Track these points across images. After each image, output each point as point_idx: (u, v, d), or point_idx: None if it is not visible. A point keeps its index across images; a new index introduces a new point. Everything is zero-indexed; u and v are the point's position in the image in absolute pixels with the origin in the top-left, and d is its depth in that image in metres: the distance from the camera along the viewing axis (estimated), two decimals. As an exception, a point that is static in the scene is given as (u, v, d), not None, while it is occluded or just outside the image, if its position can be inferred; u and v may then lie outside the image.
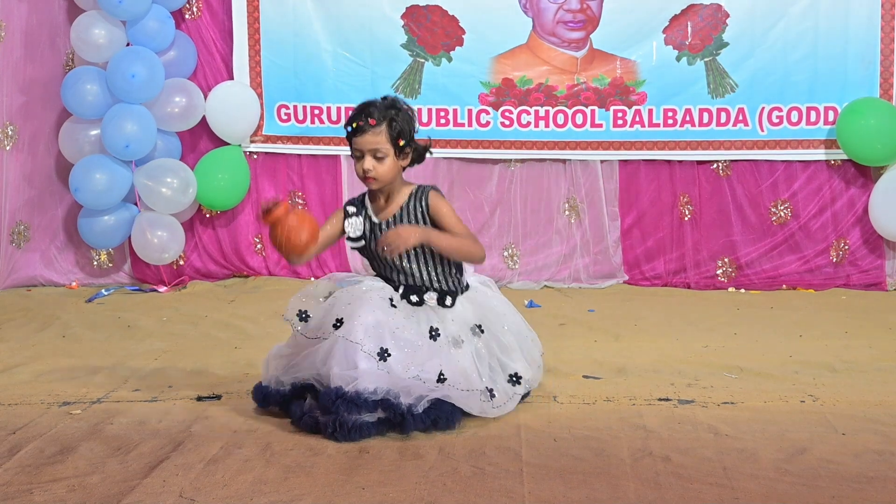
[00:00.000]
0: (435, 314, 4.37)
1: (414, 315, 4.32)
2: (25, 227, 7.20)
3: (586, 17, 7.02)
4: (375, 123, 4.28)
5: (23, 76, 7.09)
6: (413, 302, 4.36)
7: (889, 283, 7.03)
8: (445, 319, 4.37)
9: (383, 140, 4.29)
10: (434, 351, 4.25)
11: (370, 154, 4.30)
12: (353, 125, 4.30)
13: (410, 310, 4.33)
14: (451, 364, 4.26)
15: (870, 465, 3.89)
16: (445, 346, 4.29)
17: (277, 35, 7.06)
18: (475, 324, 4.43)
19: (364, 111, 4.30)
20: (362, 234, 4.42)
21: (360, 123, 4.28)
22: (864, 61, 6.90)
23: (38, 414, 4.48)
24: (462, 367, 4.27)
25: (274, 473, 3.82)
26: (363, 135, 4.28)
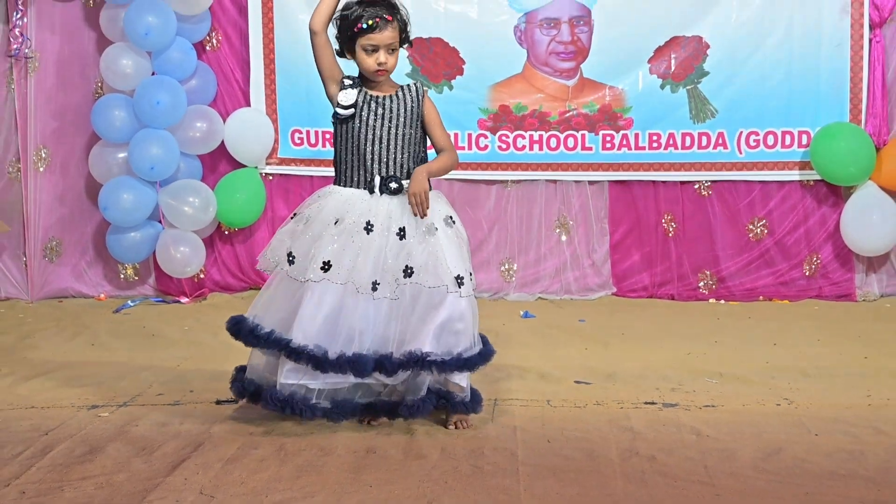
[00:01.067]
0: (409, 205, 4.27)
1: (386, 231, 4.23)
2: (58, 243, 7.20)
3: (577, 49, 7.02)
4: (391, 19, 4.28)
5: (55, 103, 7.10)
6: (393, 189, 4.27)
7: (858, 295, 7.02)
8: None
9: (395, 34, 4.30)
10: (405, 252, 4.21)
11: (385, 48, 4.28)
12: (368, 22, 4.24)
13: (383, 224, 4.23)
14: (423, 253, 4.21)
15: (840, 463, 3.88)
16: (418, 237, 4.24)
17: (291, 65, 7.06)
18: (448, 215, 4.36)
19: (376, 9, 4.26)
20: (353, 104, 4.32)
21: (378, 20, 4.24)
22: (835, 88, 6.90)
23: (68, 416, 4.48)
24: (435, 252, 4.21)
25: (287, 472, 3.82)
26: (381, 31, 4.25)
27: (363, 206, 4.25)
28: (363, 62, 4.31)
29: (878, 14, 6.81)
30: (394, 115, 4.31)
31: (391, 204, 4.27)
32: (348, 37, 4.31)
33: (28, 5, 6.98)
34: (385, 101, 4.32)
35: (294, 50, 6.98)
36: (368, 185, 4.29)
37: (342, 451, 4.03)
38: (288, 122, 7.15)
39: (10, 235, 7.13)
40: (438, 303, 4.20)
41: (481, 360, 4.31)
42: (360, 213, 4.23)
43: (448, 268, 4.20)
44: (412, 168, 4.33)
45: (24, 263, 7.18)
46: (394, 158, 4.31)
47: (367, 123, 4.30)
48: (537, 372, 5.17)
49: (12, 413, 4.55)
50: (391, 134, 4.31)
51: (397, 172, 4.31)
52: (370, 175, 4.30)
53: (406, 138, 4.33)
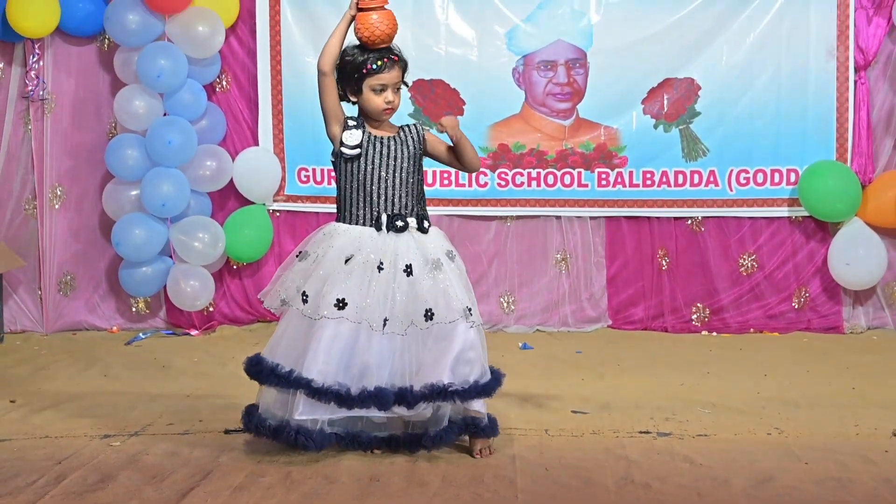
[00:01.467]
0: (414, 242, 4.31)
1: (394, 269, 4.26)
2: (72, 278, 7.22)
3: (573, 90, 7.05)
4: (397, 59, 4.35)
5: (70, 142, 7.13)
6: (399, 227, 4.30)
7: (846, 327, 7.02)
8: (425, 243, 4.33)
9: (400, 74, 4.38)
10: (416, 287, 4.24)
11: (392, 88, 4.34)
12: (377, 63, 4.30)
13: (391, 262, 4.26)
14: (434, 290, 4.24)
15: (830, 491, 3.88)
16: (425, 273, 4.27)
17: (298, 106, 7.09)
18: (448, 249, 4.39)
19: (381, 51, 4.32)
20: (359, 144, 4.35)
21: (386, 61, 4.31)
22: (822, 128, 6.93)
23: (81, 445, 4.48)
24: (446, 289, 4.25)
25: (293, 500, 3.82)
26: (390, 70, 4.33)
27: (372, 244, 4.27)
28: (371, 102, 4.35)
29: (863, 57, 6.85)
30: (397, 155, 4.35)
31: (397, 241, 4.29)
32: (355, 78, 4.34)
33: (45, 49, 7.02)
34: (388, 142, 4.36)
35: (301, 92, 7.01)
36: (375, 222, 4.31)
37: (346, 479, 4.03)
38: (295, 160, 7.18)
39: (26, 270, 7.14)
40: (451, 335, 4.24)
41: (496, 385, 4.36)
42: (370, 251, 4.25)
43: (458, 300, 4.24)
44: (413, 205, 4.37)
45: (39, 297, 7.19)
46: (398, 197, 4.33)
47: (372, 163, 4.33)
48: (535, 402, 5.17)
49: (27, 442, 4.55)
50: (394, 173, 4.34)
51: (401, 210, 4.33)
52: (376, 213, 4.32)
53: (408, 177, 4.37)
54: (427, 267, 4.26)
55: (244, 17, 7.13)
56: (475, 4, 7.05)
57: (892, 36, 6.90)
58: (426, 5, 7.04)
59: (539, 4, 7.03)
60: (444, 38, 7.07)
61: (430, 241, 4.34)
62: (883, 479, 4.00)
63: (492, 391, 4.33)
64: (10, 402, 5.25)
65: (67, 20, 6.88)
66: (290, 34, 7.09)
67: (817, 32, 6.90)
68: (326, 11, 7.00)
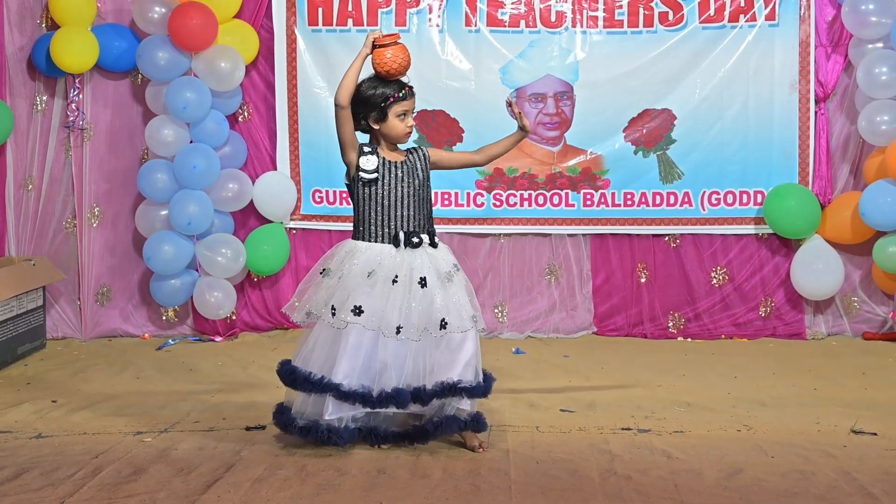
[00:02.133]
0: (427, 256, 4.34)
1: (409, 282, 4.29)
2: (108, 289, 7.21)
3: (561, 120, 7.06)
4: (411, 89, 4.43)
5: (107, 167, 7.14)
6: (415, 243, 4.33)
7: (808, 334, 7.01)
8: (437, 258, 4.36)
9: (415, 102, 4.46)
10: (431, 298, 4.27)
11: (411, 113, 4.41)
12: (402, 91, 4.38)
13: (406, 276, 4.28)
14: (447, 301, 4.27)
15: (794, 482, 3.88)
16: (438, 284, 4.29)
17: (312, 134, 7.10)
18: (454, 263, 4.42)
19: (400, 82, 4.40)
20: (376, 169, 4.37)
21: (408, 89, 4.40)
22: (785, 154, 6.94)
23: (116, 441, 4.48)
24: (457, 300, 4.29)
25: (308, 490, 3.81)
26: (411, 98, 4.41)
27: (391, 260, 4.30)
28: (395, 128, 4.38)
29: (822, 90, 6.86)
30: (409, 177, 4.38)
31: (413, 256, 4.32)
32: (381, 107, 4.37)
33: (84, 83, 7.03)
34: (401, 166, 4.39)
35: (315, 121, 7.02)
36: (393, 239, 4.32)
37: (356, 472, 4.03)
38: (310, 183, 7.17)
39: (67, 283, 7.14)
40: (462, 341, 4.29)
41: (491, 387, 4.42)
42: (389, 267, 4.29)
43: (467, 309, 4.29)
44: (425, 222, 4.42)
45: (78, 307, 7.19)
46: (412, 215, 4.36)
47: (388, 185, 4.36)
48: (527, 402, 5.17)
49: (67, 439, 4.55)
50: (407, 194, 4.36)
51: (415, 228, 4.36)
52: (394, 231, 4.33)
53: (419, 196, 4.40)
54: (440, 279, 4.29)
55: (264, 53, 7.13)
56: (472, 42, 7.06)
57: (848, 71, 6.90)
58: (428, 43, 7.05)
59: (530, 42, 7.03)
60: (445, 73, 7.08)
61: (440, 255, 4.39)
62: (842, 471, 4.00)
63: (488, 392, 4.38)
64: (51, 402, 5.25)
65: (105, 57, 6.89)
66: (305, 70, 7.09)
67: (781, 68, 6.91)
68: (338, 48, 7.02)
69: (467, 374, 4.28)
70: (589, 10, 6.99)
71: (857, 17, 6.61)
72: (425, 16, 7.06)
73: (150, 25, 6.80)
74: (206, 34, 6.72)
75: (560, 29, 7.02)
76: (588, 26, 7.00)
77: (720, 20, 6.92)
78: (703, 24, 6.94)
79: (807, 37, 6.87)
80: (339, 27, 7.07)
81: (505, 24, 7.04)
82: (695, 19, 6.93)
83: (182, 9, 6.64)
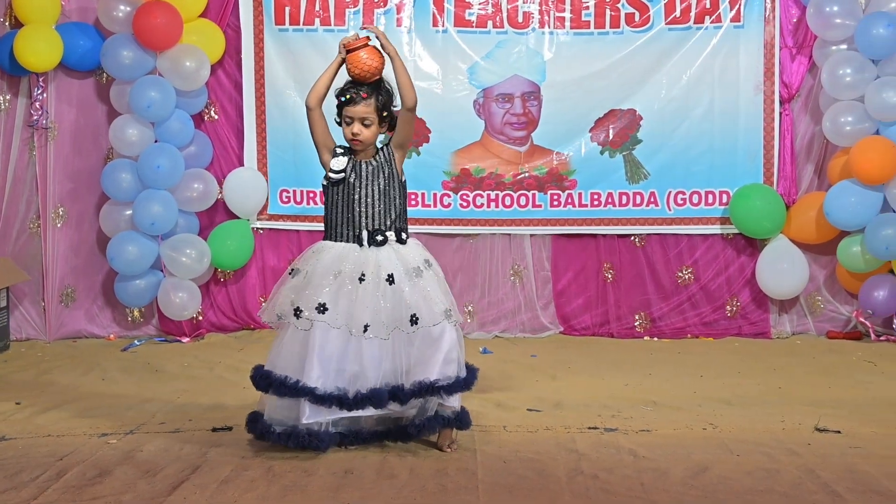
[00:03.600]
0: (394, 253, 4.32)
1: (377, 279, 4.26)
2: (72, 290, 7.16)
3: (528, 120, 7.08)
4: (367, 96, 4.33)
5: (71, 167, 7.09)
6: (379, 241, 4.31)
7: (773, 333, 7.07)
8: (404, 254, 4.33)
9: (371, 110, 4.34)
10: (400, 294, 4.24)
11: (359, 121, 4.33)
12: (346, 96, 4.32)
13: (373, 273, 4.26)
14: (417, 296, 4.24)
15: (759, 480, 3.91)
16: (406, 280, 4.26)
17: (280, 134, 7.08)
18: (426, 258, 4.40)
19: (357, 87, 4.33)
20: (343, 170, 4.36)
21: (353, 95, 4.32)
22: (750, 154, 6.99)
23: (80, 443, 4.45)
24: (427, 295, 4.25)
25: (275, 491, 3.80)
26: (355, 105, 4.32)
27: (355, 257, 4.30)
28: (343, 131, 4.38)
29: (787, 91, 6.92)
30: (374, 176, 4.36)
31: (379, 254, 4.31)
32: (337, 107, 4.38)
33: (48, 82, 6.98)
34: (367, 166, 4.37)
35: (282, 120, 7.01)
36: (357, 238, 4.32)
37: (323, 472, 4.02)
38: (277, 182, 7.15)
39: (31, 283, 7.08)
40: (438, 336, 4.26)
41: (474, 379, 4.40)
42: (354, 265, 4.28)
43: (439, 305, 4.25)
44: (394, 220, 4.38)
45: (42, 308, 7.13)
46: (377, 213, 4.35)
47: (353, 186, 4.34)
48: (494, 401, 5.17)
49: (31, 441, 4.51)
50: (373, 193, 4.35)
51: (381, 226, 4.34)
52: (358, 230, 4.33)
53: (386, 194, 4.37)
54: (407, 275, 4.28)
55: (231, 52, 7.11)
56: (440, 43, 7.06)
57: (812, 72, 6.97)
58: (395, 43, 6.86)
59: (497, 43, 7.05)
60: (412, 73, 6.90)
61: (408, 251, 4.36)
62: (806, 469, 4.03)
63: (470, 385, 4.36)
64: (15, 404, 5.20)
65: (69, 56, 6.85)
66: (272, 69, 7.07)
67: (746, 69, 6.97)
68: (306, 48, 7.01)
69: (448, 369, 4.26)
70: (556, 10, 7.01)
71: (822, 18, 6.67)
72: (393, 16, 7.06)
73: (114, 24, 6.76)
74: (170, 33, 6.69)
75: (527, 29, 7.04)
76: (555, 27, 7.03)
77: (686, 21, 6.96)
78: (669, 26, 6.98)
79: (771, 38, 6.93)
80: (306, 27, 7.06)
81: (472, 25, 7.05)
82: (661, 20, 6.98)
83: (147, 7, 6.60)
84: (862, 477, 3.93)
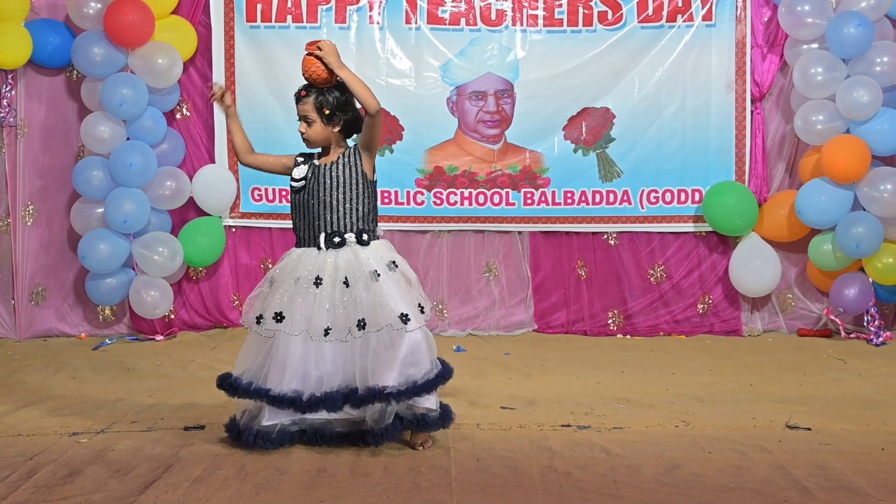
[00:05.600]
0: (354, 256, 4.28)
1: (334, 282, 4.24)
2: (43, 288, 7.11)
3: (501, 118, 7.09)
4: (305, 95, 4.37)
5: (41, 164, 7.04)
6: (336, 243, 4.30)
7: (745, 330, 7.11)
8: (363, 256, 4.29)
9: (311, 109, 4.36)
10: (352, 299, 4.22)
11: (303, 119, 4.38)
12: (296, 94, 4.39)
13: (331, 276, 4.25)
14: (367, 300, 4.20)
15: (731, 477, 3.93)
16: (361, 284, 4.23)
17: (251, 130, 6.87)
18: (391, 260, 4.36)
19: (306, 85, 4.37)
20: (304, 177, 4.38)
21: (297, 94, 4.39)
22: (722, 153, 7.03)
23: (51, 442, 4.42)
24: (380, 299, 4.20)
25: (248, 490, 3.79)
26: (298, 103, 4.39)
27: (312, 261, 4.30)
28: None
29: (758, 90, 6.97)
30: (335, 179, 4.34)
31: (337, 257, 4.29)
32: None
33: (17, 79, 6.93)
34: (329, 168, 4.36)
35: (254, 118, 6.98)
36: (315, 242, 4.32)
37: (296, 471, 4.01)
38: (248, 181, 7.13)
39: (0, 282, 7.03)
40: (396, 341, 4.22)
41: (439, 381, 4.34)
42: (310, 269, 4.27)
43: (391, 309, 4.21)
44: (356, 222, 4.34)
45: (12, 307, 7.08)
46: (338, 216, 4.33)
47: (312, 192, 4.36)
48: (468, 399, 5.18)
49: (1, 441, 4.48)
50: (334, 196, 4.34)
51: (341, 228, 4.32)
52: (316, 233, 4.32)
53: (347, 197, 4.35)
54: (363, 278, 4.25)
55: (203, 50, 7.09)
56: (412, 40, 7.07)
57: (783, 71, 7.02)
58: (368, 40, 7.05)
59: (470, 41, 7.06)
60: (385, 70, 7.08)
61: (369, 253, 4.32)
62: (777, 465, 4.06)
63: (432, 388, 4.30)
64: (-16, 404, 5.17)
65: (39, 53, 6.80)
66: (243, 66, 7.06)
67: (718, 68, 7.01)
68: (277, 45, 7.01)
69: (411, 372, 4.24)
70: (529, 8, 7.03)
71: (793, 17, 6.72)
72: (365, 13, 7.05)
73: (85, 21, 6.73)
74: (142, 30, 6.66)
75: (500, 27, 7.06)
76: (528, 25, 7.04)
77: (658, 20, 7.00)
78: (641, 24, 7.01)
79: (743, 37, 6.97)
80: (278, 24, 7.04)
81: (445, 22, 7.06)
82: (633, 19, 7.01)
83: (118, 4, 6.56)
84: (832, 473, 3.96)
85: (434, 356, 4.36)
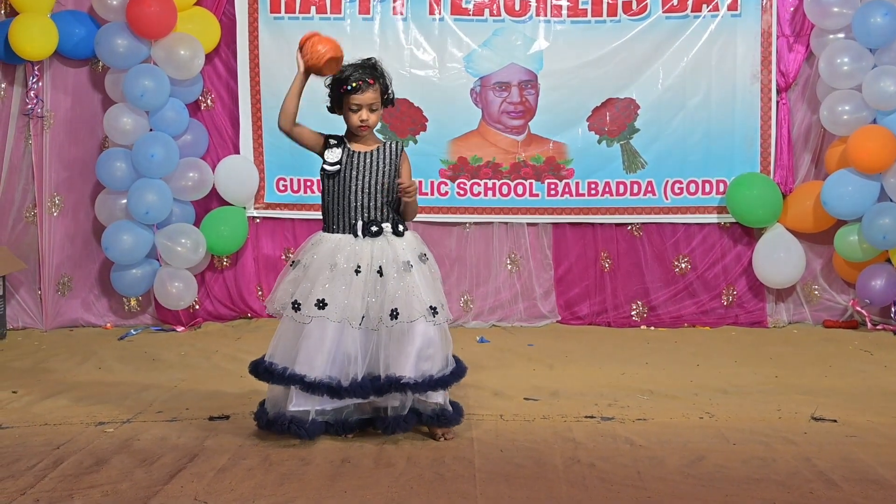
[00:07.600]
0: (388, 245, 4.31)
1: (369, 271, 4.26)
2: (69, 279, 7.16)
3: (525, 108, 7.08)
4: (373, 82, 4.34)
5: (67, 155, 7.08)
6: (374, 232, 4.31)
7: (769, 322, 7.08)
8: (398, 247, 4.32)
9: (377, 96, 4.37)
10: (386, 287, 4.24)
11: (367, 108, 4.35)
12: (352, 85, 4.32)
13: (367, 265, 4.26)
14: (400, 290, 4.23)
15: (755, 469, 3.92)
16: (395, 274, 4.25)
17: (276, 121, 7.04)
18: (421, 252, 4.39)
19: (360, 73, 4.33)
20: (339, 160, 4.37)
21: (361, 83, 4.32)
22: (747, 143, 6.99)
23: (77, 432, 4.45)
24: (412, 290, 4.24)
25: (272, 480, 3.81)
26: (363, 92, 4.33)
27: (350, 249, 4.29)
28: (348, 119, 4.38)
29: (784, 80, 6.93)
30: (374, 168, 4.35)
31: (373, 246, 4.31)
32: (338, 95, 4.37)
33: (44, 70, 6.97)
34: (366, 157, 4.37)
35: (278, 108, 6.92)
36: (352, 229, 4.32)
37: (320, 461, 4.02)
38: (273, 171, 7.15)
39: (27, 272, 7.08)
40: (414, 333, 4.24)
41: (453, 379, 4.36)
42: (348, 257, 4.27)
43: (423, 300, 4.24)
44: (390, 212, 4.36)
45: (39, 297, 7.13)
46: (374, 205, 4.34)
47: (350, 177, 4.34)
48: (491, 390, 5.18)
49: (28, 430, 4.51)
50: (371, 185, 4.34)
51: (377, 217, 4.33)
52: (354, 221, 4.32)
53: (384, 188, 4.36)
54: (396, 268, 4.27)
55: (226, 41, 7.10)
56: (436, 31, 7.06)
57: (809, 61, 6.97)
58: (391, 31, 7.05)
59: (494, 31, 7.05)
60: (409, 62, 7.08)
61: (403, 244, 4.35)
62: (803, 457, 4.05)
63: (446, 385, 4.32)
64: (12, 393, 5.20)
65: (64, 44, 6.84)
66: (267, 57, 7.07)
67: (743, 58, 6.97)
68: (300, 35, 6.93)
69: (424, 366, 4.25)
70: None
71: (819, 7, 6.67)
72: (389, 4, 7.05)
73: (109, 12, 6.76)
74: (164, 21, 6.68)
75: (524, 18, 7.04)
76: (552, 15, 7.02)
77: (683, 10, 6.96)
78: (666, 14, 6.98)
79: (769, 27, 6.93)
80: (301, 15, 7.05)
81: (469, 13, 7.05)
82: (658, 9, 6.97)
83: (141, -5, 6.60)
84: (858, 465, 3.94)
85: (449, 353, 4.38)
